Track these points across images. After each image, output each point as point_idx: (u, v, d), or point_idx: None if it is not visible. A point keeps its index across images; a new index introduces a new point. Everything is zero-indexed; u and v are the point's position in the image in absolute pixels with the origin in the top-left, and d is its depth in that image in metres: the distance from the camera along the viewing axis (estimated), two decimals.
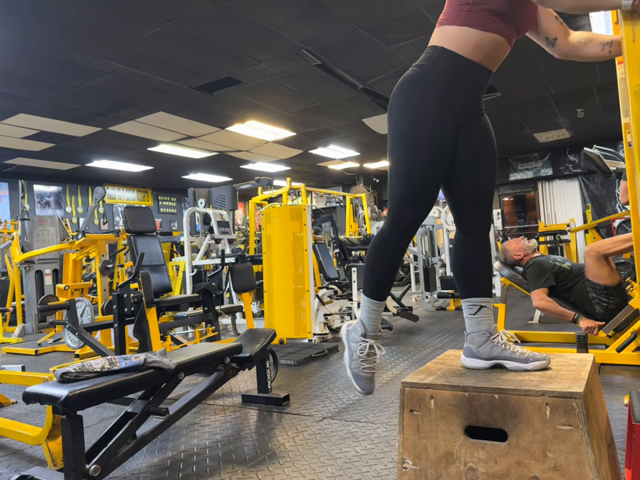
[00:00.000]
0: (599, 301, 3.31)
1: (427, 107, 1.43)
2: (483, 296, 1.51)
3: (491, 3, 1.39)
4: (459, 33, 1.42)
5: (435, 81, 1.43)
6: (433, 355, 3.93)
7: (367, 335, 1.55)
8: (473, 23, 1.41)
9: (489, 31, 1.41)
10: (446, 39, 1.44)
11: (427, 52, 1.48)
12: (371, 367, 1.55)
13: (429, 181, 1.46)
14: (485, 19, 1.40)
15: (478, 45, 1.42)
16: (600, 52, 1.56)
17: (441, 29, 1.46)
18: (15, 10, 4.08)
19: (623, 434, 2.09)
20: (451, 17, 1.44)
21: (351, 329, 1.60)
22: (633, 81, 1.24)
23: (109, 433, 1.98)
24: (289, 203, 7.02)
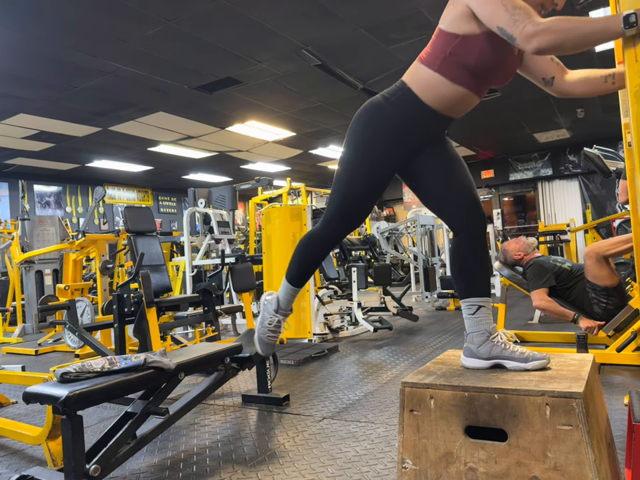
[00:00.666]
0: (598, 301, 3.31)
1: (377, 142, 1.50)
2: (481, 296, 1.51)
3: (466, 57, 1.40)
4: (429, 79, 1.45)
5: (393, 119, 1.49)
6: (433, 354, 3.93)
7: (278, 311, 1.78)
8: (445, 72, 1.43)
9: (458, 84, 1.43)
10: (416, 80, 1.47)
11: (397, 85, 1.52)
12: (274, 336, 1.80)
13: (361, 203, 1.58)
14: (457, 71, 1.42)
15: (444, 97, 1.45)
16: (603, 85, 1.53)
17: (417, 66, 1.49)
18: (14, 10, 4.08)
19: (622, 434, 2.09)
20: (429, 58, 1.46)
21: (269, 300, 1.81)
22: (633, 81, 1.24)
23: (108, 433, 1.98)
24: (289, 203, 7.03)
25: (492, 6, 1.32)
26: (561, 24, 1.24)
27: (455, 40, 1.40)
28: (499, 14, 1.30)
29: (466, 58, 1.40)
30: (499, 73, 1.47)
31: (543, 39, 1.25)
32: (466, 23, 1.39)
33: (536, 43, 1.26)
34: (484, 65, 1.41)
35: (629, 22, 1.18)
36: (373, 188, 1.55)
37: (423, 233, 7.52)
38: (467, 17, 1.38)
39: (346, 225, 1.63)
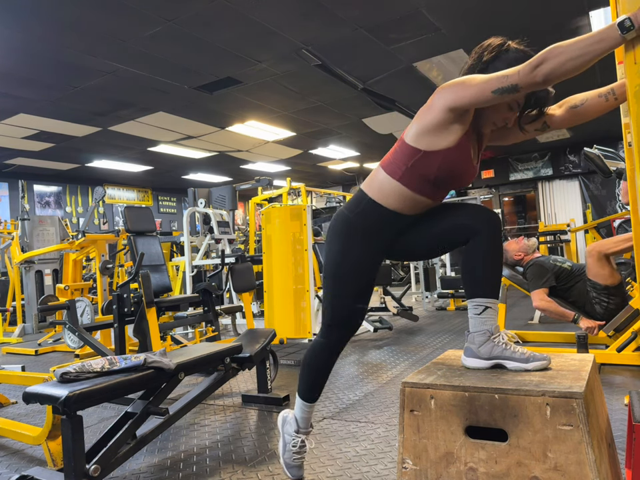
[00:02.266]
0: (599, 300, 3.31)
1: (350, 249, 1.60)
2: (489, 297, 1.49)
3: (426, 171, 1.46)
4: (391, 189, 1.52)
5: (360, 227, 1.58)
6: (433, 354, 3.93)
7: (299, 431, 1.78)
8: (405, 181, 1.50)
9: (416, 192, 1.50)
10: (377, 189, 1.55)
11: (358, 196, 1.60)
12: (301, 457, 1.80)
13: (352, 305, 1.64)
14: (418, 182, 1.49)
15: (405, 202, 1.52)
16: (605, 103, 1.51)
17: (378, 172, 1.56)
18: (14, 10, 4.08)
19: (622, 434, 2.09)
20: (391, 167, 1.52)
21: (287, 421, 1.81)
22: (633, 81, 1.24)
23: (108, 433, 1.98)
24: (289, 202, 7.03)
25: (477, 86, 1.34)
26: (555, 49, 1.25)
27: (417, 154, 1.46)
28: (487, 85, 1.33)
29: (427, 171, 1.46)
30: (456, 182, 1.52)
31: (545, 68, 1.25)
32: (432, 137, 1.43)
33: (541, 75, 1.26)
34: (443, 176, 1.47)
35: (625, 27, 1.18)
36: (359, 289, 1.63)
37: None
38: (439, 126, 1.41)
39: (345, 330, 1.68)
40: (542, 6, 4.65)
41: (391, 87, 6.61)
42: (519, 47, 1.46)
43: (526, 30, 5.14)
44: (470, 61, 1.51)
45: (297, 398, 1.78)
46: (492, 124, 1.51)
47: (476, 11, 4.62)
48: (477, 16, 4.71)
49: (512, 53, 1.44)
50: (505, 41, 1.47)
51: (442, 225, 1.55)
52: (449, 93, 1.39)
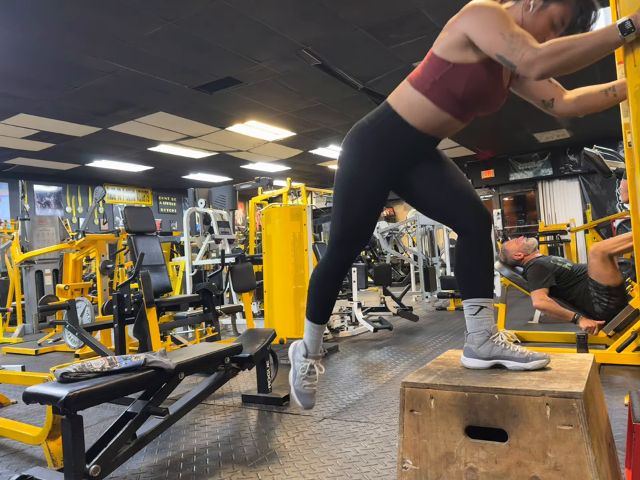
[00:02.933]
0: (600, 300, 3.31)
1: (366, 164, 1.52)
2: (483, 297, 1.50)
3: (454, 85, 1.41)
4: (417, 102, 1.46)
5: (379, 141, 1.51)
6: (433, 354, 3.93)
7: (308, 356, 1.71)
8: (433, 97, 1.44)
9: (443, 109, 1.45)
10: (403, 103, 1.49)
11: (382, 107, 1.54)
12: (311, 385, 1.71)
13: (361, 224, 1.58)
14: (445, 98, 1.44)
15: (430, 120, 1.47)
16: (605, 99, 1.52)
17: (405, 86, 1.51)
18: (15, 10, 4.08)
19: (623, 434, 2.09)
20: (418, 81, 1.47)
21: (296, 349, 1.75)
22: (633, 81, 1.24)
23: (108, 433, 1.98)
24: (289, 202, 7.02)
25: (490, 35, 1.32)
26: (558, 46, 1.25)
27: (446, 67, 1.42)
28: (497, 42, 1.31)
29: (455, 86, 1.41)
30: (485, 103, 1.48)
31: (543, 64, 1.26)
32: (459, 51, 1.40)
33: (538, 69, 1.27)
34: (471, 94, 1.43)
35: (626, 29, 1.18)
36: (370, 207, 1.56)
37: (423, 233, 7.52)
38: (461, 45, 1.39)
39: (351, 248, 1.63)
40: None
41: (391, 87, 6.53)
42: None
43: None
44: None
45: (305, 321, 1.72)
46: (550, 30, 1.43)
47: None
48: None
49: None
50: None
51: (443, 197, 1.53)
52: (469, 21, 1.36)
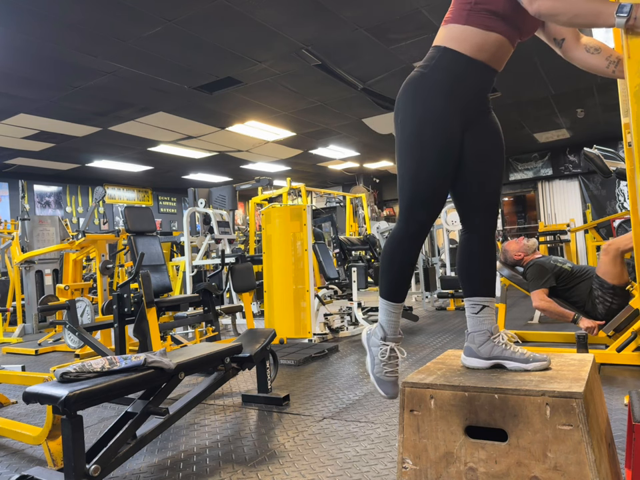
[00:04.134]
0: (603, 300, 3.29)
1: (432, 107, 1.43)
2: (485, 295, 1.50)
3: (492, 3, 1.40)
4: (461, 32, 1.44)
5: (439, 80, 1.44)
6: (433, 354, 3.93)
7: (387, 339, 1.53)
8: (474, 22, 1.42)
9: (490, 30, 1.42)
10: (449, 38, 1.46)
11: (431, 52, 1.50)
12: (393, 371, 1.53)
13: (438, 181, 1.45)
14: (487, 18, 1.41)
15: (480, 44, 1.43)
16: (604, 68, 1.52)
17: (446, 27, 1.49)
18: (15, 10, 4.08)
19: (622, 434, 2.09)
20: (454, 15, 1.46)
21: (371, 333, 1.59)
22: (633, 81, 1.24)
23: (108, 433, 1.98)
24: (289, 202, 7.03)
25: None
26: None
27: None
28: None
29: (491, 4, 1.41)
30: (525, 19, 1.45)
31: (544, 3, 1.31)
32: None
33: (537, 6, 1.33)
34: (509, 9, 1.41)
35: (623, 11, 1.21)
36: (444, 160, 1.43)
37: None
38: None
39: (427, 212, 1.47)
40: None
41: (391, 87, 6.60)
42: None
43: None
44: None
45: (380, 301, 1.56)
46: None
47: None
48: None
49: None
50: None
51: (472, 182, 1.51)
52: None
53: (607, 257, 3.26)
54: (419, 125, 1.44)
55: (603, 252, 3.29)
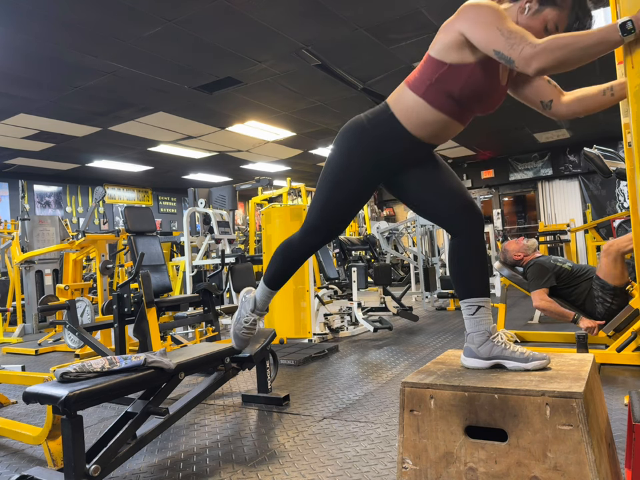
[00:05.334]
0: (603, 300, 3.29)
1: (356, 159, 1.53)
2: (480, 296, 1.50)
3: (452, 86, 1.41)
4: (413, 104, 1.46)
5: (374, 139, 1.51)
6: (433, 354, 3.93)
7: (254, 311, 1.86)
8: (430, 98, 1.44)
9: (441, 111, 1.45)
10: (400, 104, 1.49)
11: (381, 108, 1.53)
12: (249, 333, 1.91)
13: (340, 215, 1.61)
14: (442, 99, 1.43)
15: (426, 123, 1.47)
16: (603, 99, 1.51)
17: (403, 89, 1.50)
18: (15, 10, 4.08)
19: (623, 434, 2.09)
20: (415, 83, 1.47)
21: (247, 299, 1.88)
22: (633, 81, 1.24)
23: (108, 433, 1.98)
24: (289, 202, 7.03)
25: (487, 31, 1.32)
26: (558, 41, 1.24)
27: (442, 68, 1.42)
28: (494, 38, 1.31)
29: (451, 86, 1.41)
30: (483, 103, 1.48)
31: (542, 59, 1.26)
32: (455, 52, 1.39)
33: (536, 64, 1.27)
34: (469, 94, 1.42)
35: (626, 29, 1.18)
36: (352, 201, 1.58)
37: (422, 233, 7.52)
38: (457, 45, 1.39)
39: (324, 235, 1.66)
40: None
41: (391, 87, 6.56)
42: None
43: None
44: None
45: (261, 282, 1.82)
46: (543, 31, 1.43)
47: None
48: None
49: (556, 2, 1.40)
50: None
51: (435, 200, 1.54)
52: (465, 20, 1.36)
53: (607, 259, 3.26)
54: (340, 168, 1.55)
55: (604, 253, 3.29)
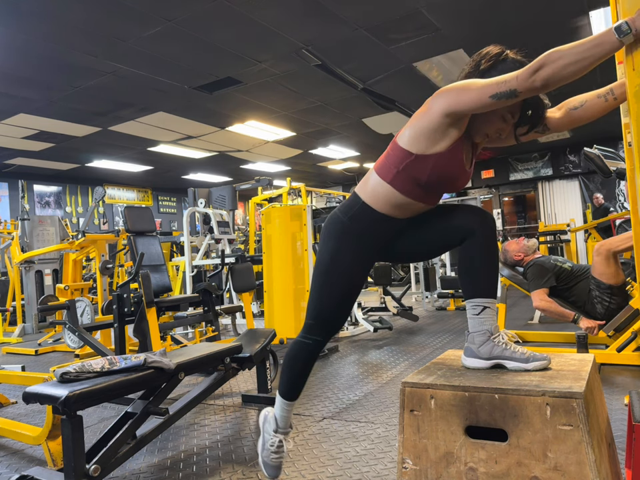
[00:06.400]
0: (601, 300, 3.30)
1: (342, 250, 1.59)
2: (487, 297, 1.50)
3: (417, 174, 1.45)
4: (382, 191, 1.51)
5: (352, 229, 1.57)
6: (433, 354, 3.93)
7: (278, 431, 1.74)
8: (397, 184, 1.48)
9: (408, 197, 1.49)
10: (369, 192, 1.54)
11: (352, 199, 1.59)
12: (279, 457, 1.75)
13: (339, 307, 1.64)
14: (409, 185, 1.47)
15: (395, 206, 1.52)
16: (604, 104, 1.51)
17: (372, 176, 1.55)
18: (15, 10, 4.08)
19: (623, 434, 2.09)
20: (384, 169, 1.51)
21: (267, 420, 1.79)
22: (633, 81, 1.24)
23: (108, 433, 1.98)
24: (289, 202, 7.03)
25: (476, 89, 1.33)
26: (554, 54, 1.24)
27: (408, 157, 1.44)
28: (486, 89, 1.31)
29: (418, 174, 1.45)
30: (449, 187, 1.51)
31: (544, 73, 1.24)
32: (426, 140, 1.41)
33: (540, 80, 1.25)
34: (434, 180, 1.46)
35: (622, 30, 1.18)
36: (349, 291, 1.62)
37: None
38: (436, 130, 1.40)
39: (327, 330, 1.68)
40: (542, 6, 4.65)
41: (391, 86, 6.61)
42: (516, 57, 1.44)
43: (526, 30, 5.14)
44: (467, 68, 1.49)
45: (276, 396, 1.76)
46: (484, 135, 1.49)
47: (476, 11, 4.62)
48: (476, 16, 4.71)
49: (509, 63, 1.43)
50: (503, 50, 1.45)
51: (437, 228, 1.56)
52: (448, 97, 1.37)
53: (599, 258, 3.28)
54: (330, 259, 1.61)
55: (595, 253, 3.31)
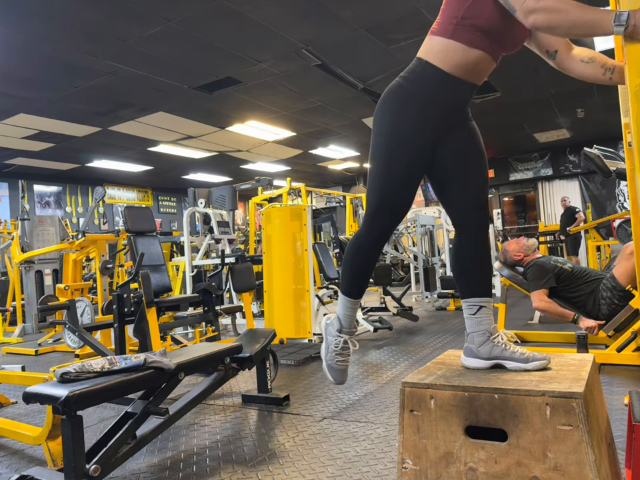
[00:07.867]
0: (611, 302, 3.25)
1: (404, 120, 1.48)
2: (482, 296, 1.51)
3: (478, 19, 1.41)
4: (444, 47, 1.45)
5: (416, 95, 1.47)
6: (433, 354, 3.93)
7: (342, 331, 1.65)
8: (459, 37, 1.43)
9: (473, 47, 1.43)
10: (431, 52, 1.47)
11: (413, 64, 1.51)
12: (344, 360, 1.65)
13: (403, 190, 1.51)
14: (471, 34, 1.42)
15: (461, 61, 1.44)
16: (600, 75, 1.52)
17: (430, 39, 1.49)
18: (15, 10, 4.08)
19: (623, 434, 2.09)
20: (440, 28, 1.46)
21: (329, 323, 1.70)
22: (633, 81, 1.24)
23: (108, 433, 1.98)
24: (289, 202, 7.03)
25: None
26: (560, 5, 1.27)
27: (465, 3, 1.41)
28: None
29: (478, 19, 1.41)
30: (511, 34, 1.46)
31: (540, 16, 1.29)
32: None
33: (532, 19, 1.31)
34: (496, 24, 1.41)
35: (620, 20, 1.20)
36: (411, 170, 1.49)
37: (422, 233, 7.51)
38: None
39: (391, 218, 1.54)
40: None
41: None
42: None
43: None
44: None
45: (339, 295, 1.67)
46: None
47: None
48: None
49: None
50: None
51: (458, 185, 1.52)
52: None
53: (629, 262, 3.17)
54: (391, 136, 1.49)
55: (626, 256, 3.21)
